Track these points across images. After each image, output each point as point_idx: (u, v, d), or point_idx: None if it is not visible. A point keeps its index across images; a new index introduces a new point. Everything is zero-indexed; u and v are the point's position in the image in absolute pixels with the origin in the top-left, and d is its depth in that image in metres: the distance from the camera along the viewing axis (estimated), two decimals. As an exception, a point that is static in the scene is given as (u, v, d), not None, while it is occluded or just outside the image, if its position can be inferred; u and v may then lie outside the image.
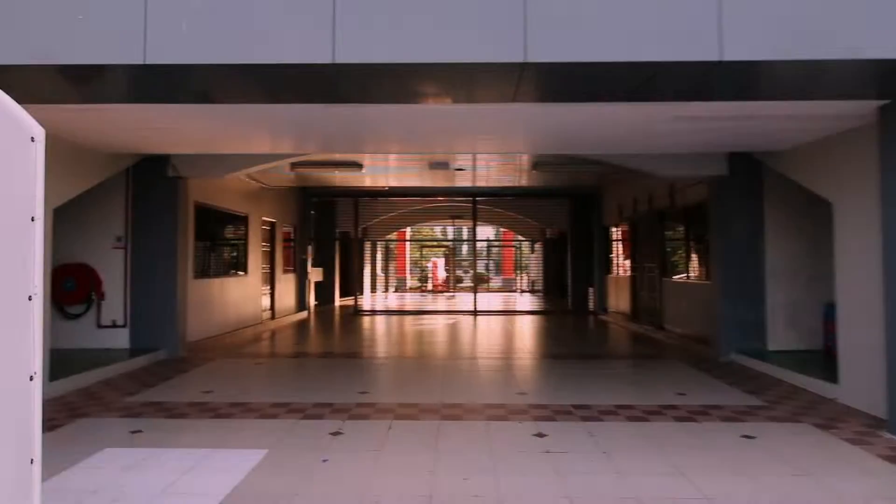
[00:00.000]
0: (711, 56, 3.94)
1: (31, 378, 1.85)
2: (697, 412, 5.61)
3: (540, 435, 4.89)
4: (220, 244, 10.96)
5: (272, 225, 13.79)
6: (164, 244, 8.73)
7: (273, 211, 13.74)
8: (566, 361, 8.36)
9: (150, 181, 8.76)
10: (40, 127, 1.95)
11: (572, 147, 7.26)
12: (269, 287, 13.55)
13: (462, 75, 4.27)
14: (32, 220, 1.89)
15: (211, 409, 5.68)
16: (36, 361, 1.87)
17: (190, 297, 9.40)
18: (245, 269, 11.94)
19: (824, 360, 7.65)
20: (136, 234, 8.75)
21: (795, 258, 8.49)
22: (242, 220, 11.91)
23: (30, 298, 1.86)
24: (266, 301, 13.38)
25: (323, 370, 7.85)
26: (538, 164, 11.05)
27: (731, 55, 3.94)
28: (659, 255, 11.59)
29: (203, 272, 10.02)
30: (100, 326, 8.62)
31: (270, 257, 13.70)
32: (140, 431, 5.00)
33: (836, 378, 6.24)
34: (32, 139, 1.91)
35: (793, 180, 7.97)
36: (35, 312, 1.87)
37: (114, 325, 8.63)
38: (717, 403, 5.94)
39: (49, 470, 3.65)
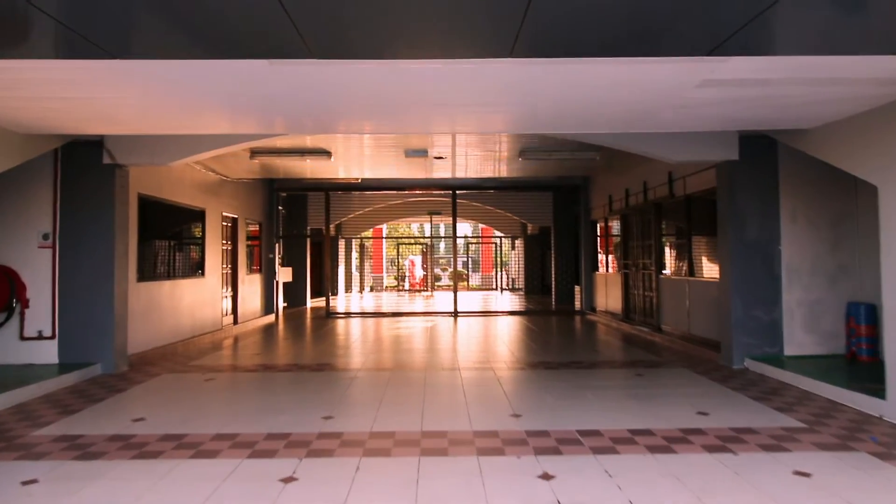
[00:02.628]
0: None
1: None
2: (729, 438, 4.68)
3: (546, 477, 3.90)
4: (170, 242, 9.78)
5: (234, 221, 12.60)
6: (100, 243, 7.56)
7: (235, 206, 12.56)
8: (561, 372, 7.40)
9: (82, 170, 7.58)
10: None
11: (566, 125, 6.27)
12: (230, 289, 12.38)
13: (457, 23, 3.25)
14: None
15: (136, 446, 4.58)
16: None
17: (133, 302, 8.23)
18: (202, 270, 10.76)
19: (849, 367, 6.82)
20: (67, 232, 7.56)
21: (815, 253, 7.65)
22: (198, 216, 10.72)
23: None
24: (227, 305, 12.21)
25: (283, 387, 6.77)
26: (524, 151, 10.07)
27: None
28: (656, 251, 10.70)
29: (149, 274, 8.84)
30: (23, 338, 7.42)
31: (232, 256, 12.52)
32: (35, 482, 3.89)
33: (878, 390, 5.38)
34: None
35: (813, 165, 7.12)
36: None
37: (40, 337, 7.43)
38: (749, 426, 5.01)
39: None
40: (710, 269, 8.82)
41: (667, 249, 10.58)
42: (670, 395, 6.16)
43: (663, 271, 10.59)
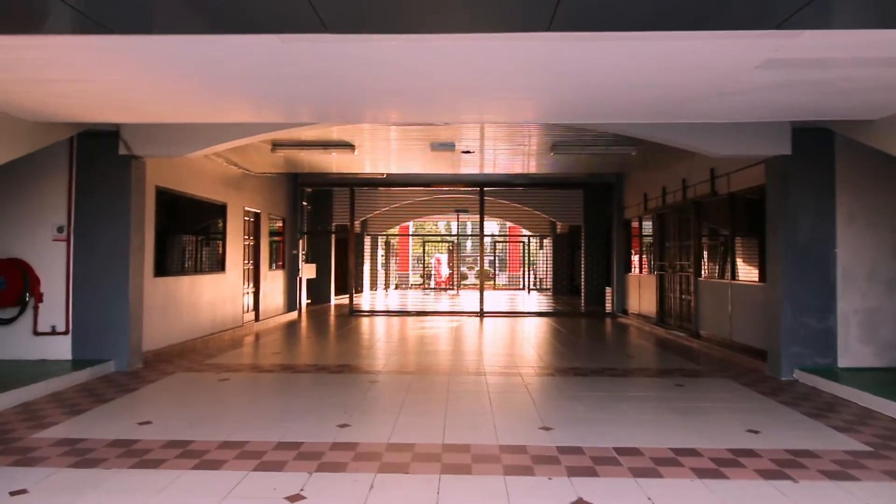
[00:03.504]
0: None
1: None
2: (786, 462, 4.18)
3: (581, 504, 3.47)
4: (190, 237, 9.55)
5: (257, 216, 12.37)
6: (116, 236, 7.32)
7: (258, 200, 12.32)
8: (593, 379, 6.93)
9: (97, 161, 7.36)
10: None
11: (602, 113, 5.78)
12: (252, 285, 12.15)
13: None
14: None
15: (137, 453, 4.27)
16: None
17: (150, 298, 8.00)
18: (222, 266, 10.53)
19: (917, 383, 6.21)
20: (82, 225, 7.34)
21: (874, 257, 7.04)
22: (219, 210, 10.49)
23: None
24: (249, 301, 11.98)
25: (300, 389, 6.44)
26: (556, 145, 9.60)
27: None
28: (695, 252, 10.12)
29: (167, 269, 8.61)
30: (36, 334, 7.23)
31: (255, 252, 12.29)
32: (24, 492, 3.60)
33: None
34: None
35: (873, 161, 6.52)
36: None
37: (53, 332, 7.24)
38: (806, 448, 4.50)
39: None
40: (755, 273, 8.24)
41: (707, 251, 9.99)
42: (714, 408, 5.66)
43: (702, 273, 10.01)
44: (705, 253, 10.01)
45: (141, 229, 7.58)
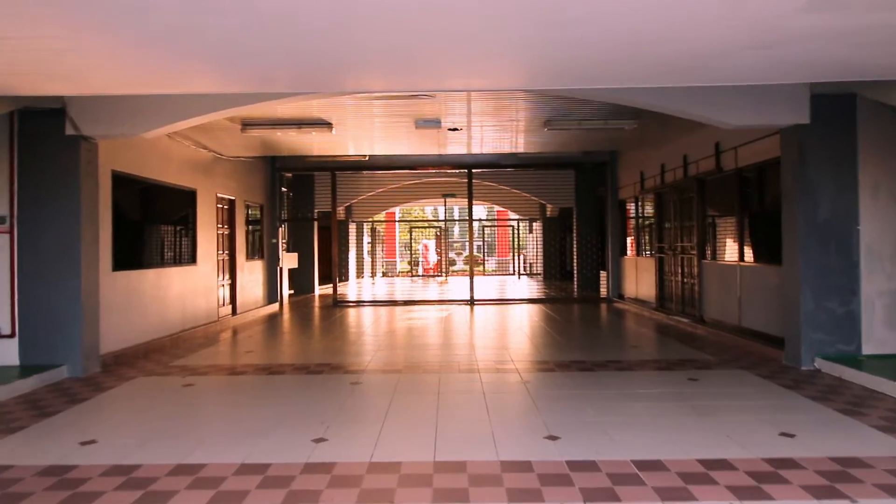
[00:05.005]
0: None
1: None
2: (834, 474, 3.58)
3: (606, 542, 2.84)
4: (155, 227, 8.79)
5: (231, 203, 11.60)
6: (66, 227, 6.56)
7: (232, 186, 11.55)
8: (598, 374, 6.33)
9: (42, 143, 6.57)
10: None
11: (603, 77, 5.11)
12: (228, 277, 11.41)
13: None
14: None
15: (71, 484, 3.58)
16: None
17: (108, 294, 7.27)
18: (193, 257, 9.78)
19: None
20: (26, 215, 6.57)
21: (901, 233, 6.46)
22: (188, 197, 9.72)
23: None
24: (225, 294, 11.25)
25: (272, 394, 5.77)
26: (550, 120, 8.91)
27: None
28: (698, 233, 9.52)
29: (128, 262, 7.86)
30: (-22, 337, 6.48)
31: (230, 242, 11.54)
32: (-83, 545, 2.91)
33: None
34: None
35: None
36: None
37: (-3, 335, 6.49)
38: (853, 454, 3.91)
39: None
40: (768, 253, 7.64)
41: (711, 231, 9.40)
42: (737, 406, 5.06)
43: (707, 255, 9.43)
44: (710, 233, 9.41)
45: (94, 219, 6.82)
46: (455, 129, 9.66)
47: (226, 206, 11.38)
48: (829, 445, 4.08)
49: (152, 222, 8.76)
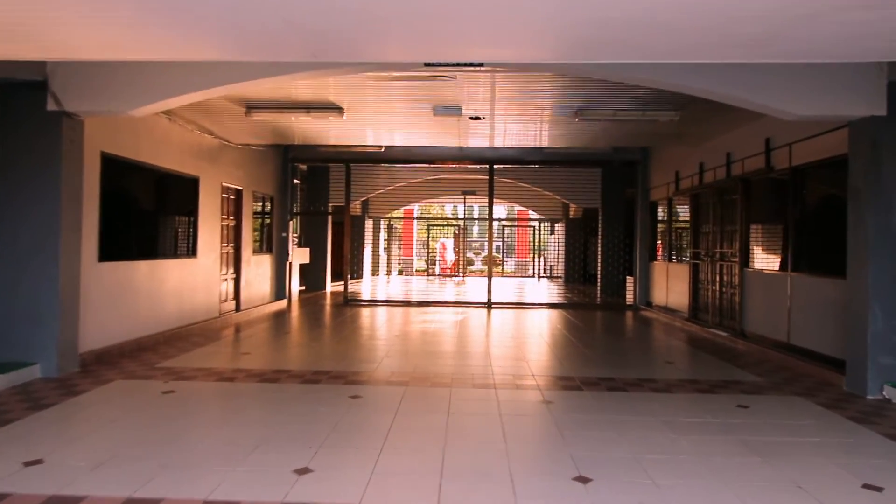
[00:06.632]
0: None
1: None
2: (951, 551, 2.78)
3: None
4: (149, 215, 8.19)
5: (238, 193, 10.99)
6: (45, 212, 5.96)
7: (239, 176, 10.93)
8: (631, 396, 5.55)
9: (22, 119, 5.98)
10: None
11: (652, 50, 4.35)
12: (232, 271, 10.80)
13: None
14: None
15: (-8, 521, 2.93)
16: None
17: (93, 286, 6.67)
18: (193, 249, 9.17)
19: None
20: (3, 197, 5.98)
21: None
22: (189, 185, 9.10)
23: None
24: (229, 289, 10.64)
25: (258, 408, 5.09)
26: (582, 109, 8.13)
27: None
28: (741, 238, 8.66)
29: (118, 252, 7.25)
30: (-55, 330, 5.90)
31: (235, 234, 10.93)
32: None
33: None
34: None
35: None
36: None
37: (-34, 329, 5.90)
38: (966, 520, 3.10)
39: None
40: (827, 264, 6.78)
41: (757, 237, 8.53)
42: (802, 445, 4.26)
43: (751, 263, 8.56)
44: (755, 239, 8.55)
45: (77, 204, 6.21)
46: (477, 118, 8.92)
47: (232, 197, 10.78)
48: (931, 506, 3.28)
49: (147, 211, 8.16)
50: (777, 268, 7.82)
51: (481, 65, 5.13)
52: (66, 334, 6.04)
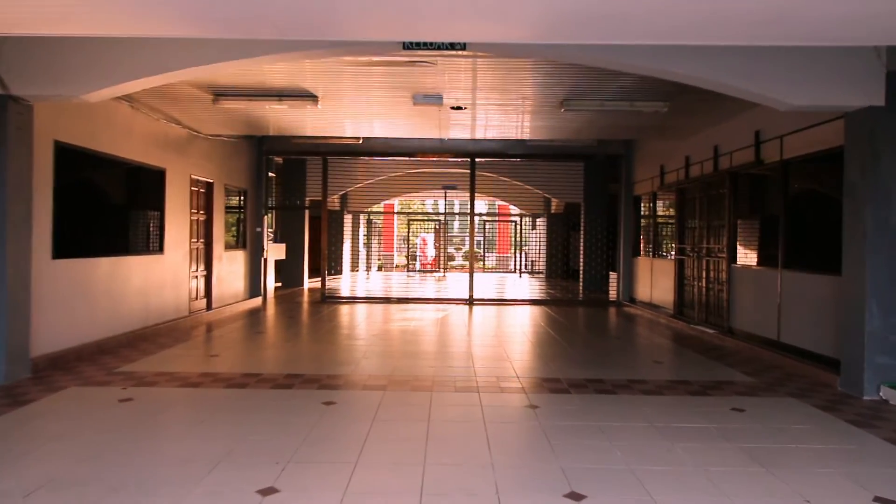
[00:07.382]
0: None
1: None
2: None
3: None
4: (110, 209, 7.72)
5: (209, 186, 10.52)
6: (-9, 204, 5.49)
7: (209, 168, 10.46)
8: (621, 399, 5.27)
9: (-36, 103, 5.49)
10: None
11: (648, 29, 4.05)
12: (203, 268, 10.34)
13: None
14: None
15: None
16: None
17: (46, 285, 6.22)
18: (159, 245, 8.71)
19: None
20: (-57, 188, 5.50)
21: None
22: (155, 177, 8.63)
23: None
24: (199, 286, 10.18)
25: (222, 418, 4.71)
26: (568, 100, 7.83)
27: None
28: (729, 234, 8.45)
29: (74, 249, 6.79)
30: None
31: (206, 229, 10.46)
32: None
33: None
34: None
35: None
36: None
37: None
38: None
39: None
40: (820, 260, 6.57)
41: (746, 232, 8.32)
42: (803, 452, 4.01)
43: (738, 259, 8.36)
44: (743, 235, 8.34)
45: (26, 196, 5.74)
46: (458, 108, 8.57)
47: (202, 190, 10.31)
48: (950, 522, 3.04)
49: (108, 205, 7.69)
50: (767, 264, 7.61)
51: (463, 47, 4.80)
52: (15, 337, 5.58)
